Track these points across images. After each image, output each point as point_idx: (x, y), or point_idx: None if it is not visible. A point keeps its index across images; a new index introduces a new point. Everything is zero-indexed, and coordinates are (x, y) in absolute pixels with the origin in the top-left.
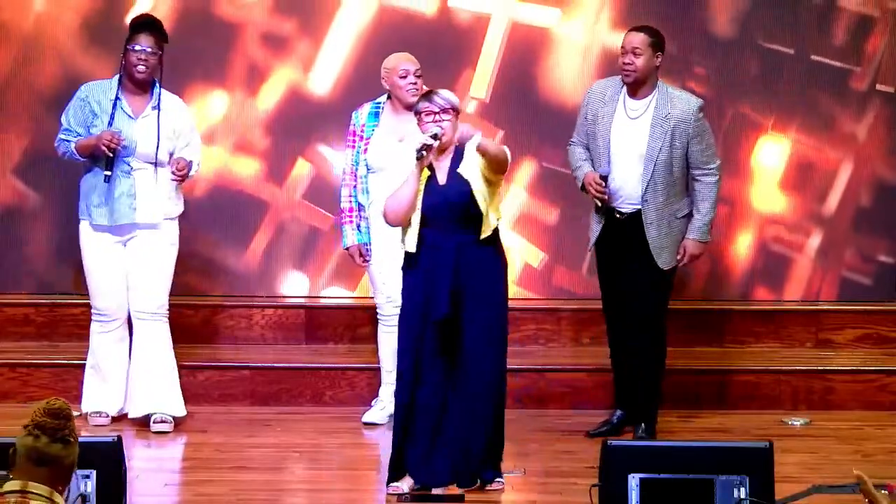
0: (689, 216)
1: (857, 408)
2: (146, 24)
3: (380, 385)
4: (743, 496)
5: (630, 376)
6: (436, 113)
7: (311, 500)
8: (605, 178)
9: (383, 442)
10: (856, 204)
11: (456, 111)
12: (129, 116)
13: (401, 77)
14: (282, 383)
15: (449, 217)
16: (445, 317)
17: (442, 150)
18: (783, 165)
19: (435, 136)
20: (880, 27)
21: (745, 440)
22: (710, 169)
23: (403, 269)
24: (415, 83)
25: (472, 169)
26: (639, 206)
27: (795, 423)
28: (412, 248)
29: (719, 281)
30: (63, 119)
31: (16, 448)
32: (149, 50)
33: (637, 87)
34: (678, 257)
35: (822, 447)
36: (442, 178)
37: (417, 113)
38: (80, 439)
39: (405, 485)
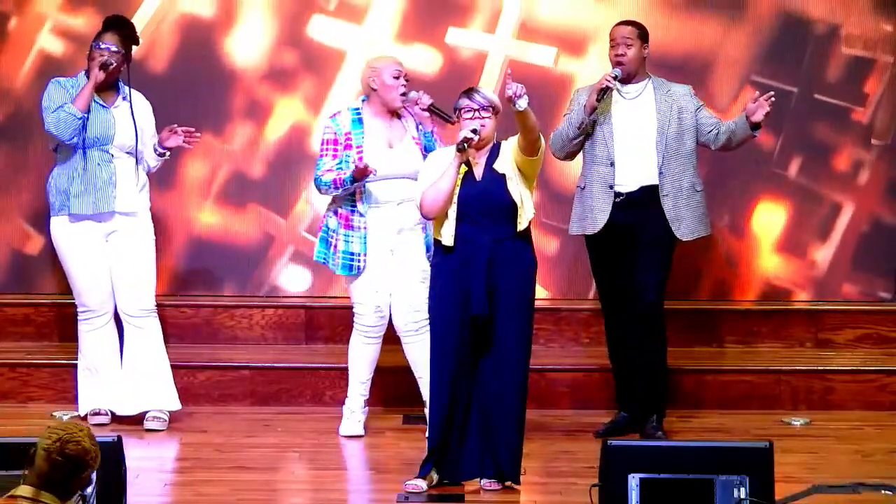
0: (702, 192)
1: (857, 408)
2: (113, 23)
3: (347, 395)
4: (743, 496)
5: (630, 371)
6: (475, 110)
7: (311, 500)
8: (615, 77)
9: (382, 442)
10: (856, 242)
11: (495, 110)
12: (103, 106)
13: (394, 77)
14: (282, 383)
15: (484, 212)
16: (483, 314)
17: (480, 148)
18: (782, 223)
19: (475, 131)
20: (878, 73)
21: (745, 440)
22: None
23: (434, 264)
24: (406, 85)
25: (507, 163)
26: (642, 185)
27: (795, 423)
28: (449, 242)
29: (719, 287)
30: (45, 103)
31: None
32: (112, 48)
33: (629, 78)
34: (758, 100)
35: (822, 447)
36: (478, 174)
37: (457, 110)
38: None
39: (424, 483)
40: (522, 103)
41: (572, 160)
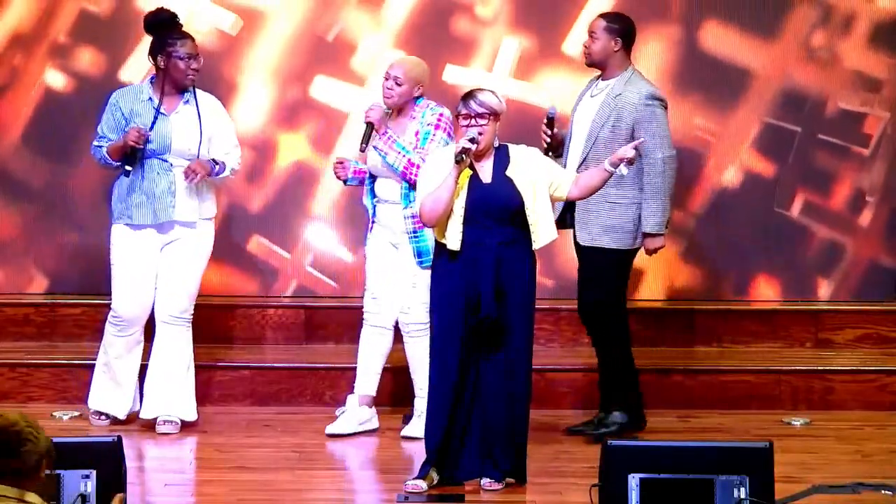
0: (639, 205)
1: (857, 408)
2: (181, 27)
3: (350, 392)
4: (743, 496)
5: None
6: (472, 117)
7: (311, 500)
8: (550, 119)
9: (383, 442)
10: (857, 280)
11: (495, 115)
12: (162, 114)
13: (385, 78)
14: (282, 383)
15: (491, 214)
16: (492, 317)
17: (480, 155)
18: (782, 260)
19: (472, 140)
20: (873, 125)
21: (745, 440)
22: (654, 160)
23: (437, 265)
24: (391, 88)
25: (528, 181)
26: None
27: (795, 423)
28: (456, 246)
29: (718, 282)
30: (98, 127)
31: None
32: (197, 55)
33: (603, 70)
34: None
35: (822, 447)
36: (486, 177)
37: (457, 115)
38: (81, 439)
39: (424, 483)
40: (624, 170)
41: None
